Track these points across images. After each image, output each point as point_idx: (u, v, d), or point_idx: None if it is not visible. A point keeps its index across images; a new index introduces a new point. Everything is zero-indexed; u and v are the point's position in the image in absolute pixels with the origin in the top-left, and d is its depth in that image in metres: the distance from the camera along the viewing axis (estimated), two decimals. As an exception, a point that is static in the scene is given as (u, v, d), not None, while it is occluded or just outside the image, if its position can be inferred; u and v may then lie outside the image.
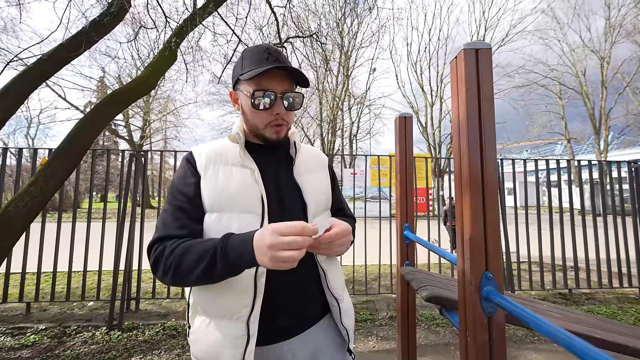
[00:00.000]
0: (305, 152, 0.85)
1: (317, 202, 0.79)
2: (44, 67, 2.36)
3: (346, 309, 0.79)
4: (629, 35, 16.32)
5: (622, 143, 20.99)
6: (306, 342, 0.73)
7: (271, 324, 0.69)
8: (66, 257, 2.95)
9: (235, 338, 0.65)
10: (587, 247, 3.42)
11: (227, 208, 0.69)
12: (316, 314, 0.77)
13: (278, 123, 0.73)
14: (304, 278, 0.75)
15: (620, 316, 2.94)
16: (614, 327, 1.17)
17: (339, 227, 0.66)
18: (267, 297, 0.68)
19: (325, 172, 0.88)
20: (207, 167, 0.72)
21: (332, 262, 0.80)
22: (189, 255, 0.61)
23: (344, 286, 0.84)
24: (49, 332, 2.53)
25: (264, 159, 0.77)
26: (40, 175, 2.36)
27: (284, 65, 0.70)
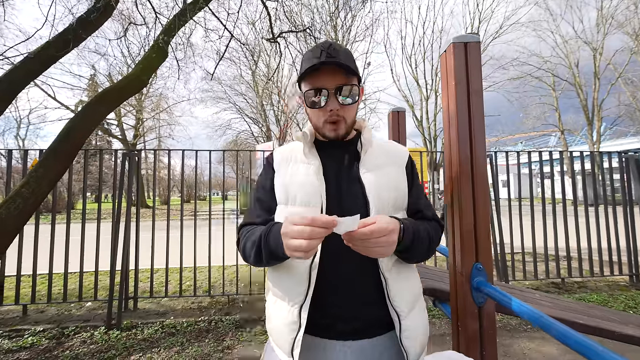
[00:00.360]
0: (378, 147, 0.81)
1: (383, 199, 0.72)
2: (31, 66, 2.32)
3: (409, 327, 0.69)
4: (620, 26, 16.41)
5: (614, 133, 21.28)
6: (362, 350, 0.70)
7: (325, 318, 0.70)
8: (61, 258, 2.93)
9: (290, 323, 0.69)
10: (579, 237, 3.49)
11: (291, 200, 0.75)
12: (379, 322, 0.72)
13: (333, 120, 0.74)
14: (360, 282, 0.71)
15: (611, 303, 3.02)
16: (602, 314, 1.20)
17: (378, 224, 0.58)
18: (318, 292, 0.69)
19: (399, 168, 0.80)
20: (280, 164, 0.80)
21: (399, 271, 0.73)
22: (249, 241, 0.72)
23: (414, 301, 0.74)
24: (47, 333, 2.53)
25: (330, 155, 0.79)
26: (31, 177, 2.33)
27: (330, 60, 0.69)
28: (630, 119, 17.68)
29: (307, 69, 0.71)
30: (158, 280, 3.76)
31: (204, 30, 4.41)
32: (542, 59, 18.80)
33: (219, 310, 3.01)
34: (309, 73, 0.72)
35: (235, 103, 19.84)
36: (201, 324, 2.69)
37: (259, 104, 18.89)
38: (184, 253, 3.13)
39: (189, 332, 2.54)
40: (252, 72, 17.11)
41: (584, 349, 0.47)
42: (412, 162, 0.84)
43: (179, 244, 3.10)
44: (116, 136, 19.23)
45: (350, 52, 0.76)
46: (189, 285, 3.63)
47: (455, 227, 0.87)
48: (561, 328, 0.51)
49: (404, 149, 0.86)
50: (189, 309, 3.06)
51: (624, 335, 0.94)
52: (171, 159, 3.40)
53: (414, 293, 0.75)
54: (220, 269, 4.14)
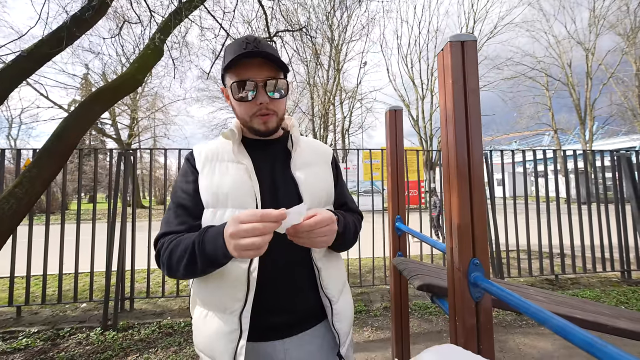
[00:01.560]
0: (306, 145, 0.82)
1: (315, 196, 0.75)
2: (24, 64, 2.28)
3: (339, 311, 0.75)
4: (612, 27, 16.67)
5: (606, 133, 21.60)
6: (301, 345, 0.71)
7: (264, 320, 0.69)
8: (56, 259, 2.89)
9: (228, 332, 0.65)
10: (573, 234, 3.54)
11: (222, 203, 0.70)
12: (313, 314, 0.75)
13: (263, 112, 0.71)
14: (297, 275, 0.72)
15: (603, 298, 3.07)
16: (595, 308, 1.22)
17: (320, 215, 0.59)
18: (259, 293, 0.67)
19: (326, 166, 0.83)
20: (204, 164, 0.74)
21: (329, 261, 0.77)
22: (177, 250, 0.64)
23: (341, 288, 0.79)
24: (41, 334, 2.50)
25: (260, 154, 0.76)
26: (25, 177, 2.30)
27: (258, 51, 0.66)
28: (621, 119, 17.98)
29: (233, 58, 0.66)
30: (154, 281, 3.73)
31: (199, 28, 4.39)
32: (535, 59, 19.04)
33: (216, 310, 3.00)
34: (235, 64, 0.68)
35: (231, 102, 19.72)
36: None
37: (255, 104, 18.80)
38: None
39: (186, 332, 2.53)
40: (248, 71, 17.01)
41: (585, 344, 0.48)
42: (336, 159, 0.90)
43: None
44: (110, 136, 19.00)
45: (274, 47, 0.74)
46: (186, 285, 3.61)
47: (453, 224, 0.88)
48: (561, 322, 0.53)
49: (329, 148, 0.89)
50: (186, 308, 3.05)
51: (616, 328, 0.96)
52: (167, 158, 3.38)
53: (342, 279, 0.81)
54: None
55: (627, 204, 3.72)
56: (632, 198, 3.58)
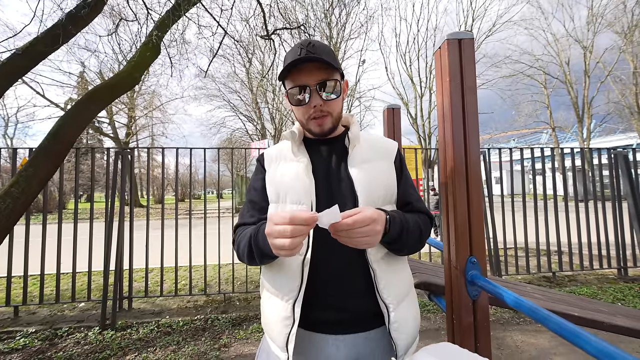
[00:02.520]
0: (365, 142, 0.81)
1: (372, 193, 0.73)
2: (19, 62, 2.26)
3: (398, 319, 0.70)
4: (610, 25, 16.68)
5: (603, 131, 21.70)
6: (355, 344, 0.71)
7: (314, 313, 0.72)
8: (53, 259, 2.88)
9: (283, 318, 0.70)
10: (570, 232, 3.56)
11: (282, 199, 0.75)
12: (370, 315, 0.72)
13: (317, 115, 0.74)
14: (351, 274, 0.72)
15: (600, 295, 3.09)
16: (592, 306, 1.23)
17: (361, 214, 0.57)
18: (310, 286, 0.70)
19: (388, 162, 0.80)
20: (270, 163, 0.82)
21: (388, 263, 0.73)
22: (242, 242, 0.73)
23: (404, 294, 0.74)
24: (39, 334, 2.49)
25: (319, 152, 0.80)
26: (21, 176, 2.28)
27: (310, 57, 0.69)
28: (619, 117, 18.02)
29: (287, 66, 0.70)
30: (153, 280, 3.73)
31: (197, 26, 4.35)
32: (534, 57, 19.04)
33: (215, 308, 3.00)
34: (290, 71, 0.72)
35: (230, 101, 19.67)
36: (197, 322, 2.68)
37: (254, 102, 18.76)
38: (179, 252, 3.10)
39: (185, 331, 2.53)
40: (246, 70, 16.97)
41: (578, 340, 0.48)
42: (401, 156, 0.84)
43: (173, 243, 3.08)
44: (108, 134, 18.90)
45: (330, 48, 0.75)
46: (184, 285, 3.61)
47: (450, 222, 0.88)
48: (555, 319, 0.53)
49: (393, 143, 0.85)
50: (184, 307, 3.05)
51: (613, 325, 0.97)
52: (165, 157, 3.36)
53: (403, 285, 0.76)
54: (216, 267, 4.13)
55: (624, 202, 3.74)
56: (629, 196, 3.60)
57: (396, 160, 0.82)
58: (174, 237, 3.08)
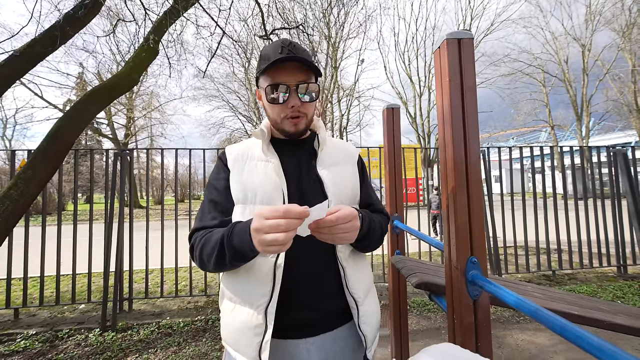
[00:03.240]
0: (332, 145, 0.84)
1: (340, 195, 0.76)
2: (17, 64, 2.25)
3: (366, 313, 0.74)
4: (608, 23, 16.71)
5: (602, 129, 21.74)
6: (324, 345, 0.72)
7: (288, 317, 0.70)
8: (53, 261, 2.88)
9: (254, 326, 0.67)
10: (569, 230, 3.57)
11: (251, 200, 0.73)
12: (338, 313, 0.75)
13: (294, 115, 0.74)
14: (322, 272, 0.73)
15: (600, 293, 3.10)
16: (592, 304, 1.23)
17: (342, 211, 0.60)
18: (284, 289, 0.69)
19: (352, 166, 0.84)
20: (235, 162, 0.78)
21: (354, 260, 0.77)
22: (208, 244, 0.67)
23: (368, 289, 0.79)
24: (40, 336, 2.48)
25: (288, 153, 0.79)
26: (20, 178, 2.28)
27: (292, 56, 0.69)
28: (617, 114, 18.06)
29: (269, 64, 0.69)
30: (153, 281, 3.73)
31: (195, 27, 4.34)
32: (532, 56, 19.08)
33: (215, 309, 3.00)
34: (269, 68, 0.70)
35: (229, 101, 19.67)
36: (198, 323, 2.67)
37: (252, 102, 18.75)
38: (179, 253, 3.10)
39: (185, 332, 2.53)
40: (245, 70, 16.95)
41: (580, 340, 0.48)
42: (362, 159, 0.90)
43: (173, 243, 3.07)
44: (107, 135, 18.87)
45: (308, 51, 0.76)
46: (184, 285, 3.61)
47: (451, 222, 0.88)
48: (554, 319, 0.53)
49: (355, 148, 0.90)
50: (184, 308, 3.05)
51: (613, 324, 0.97)
52: (164, 158, 3.36)
53: (368, 281, 0.81)
54: (216, 268, 4.12)
55: (623, 200, 3.75)
56: (628, 193, 3.60)
57: (358, 164, 0.87)
58: (173, 237, 3.07)
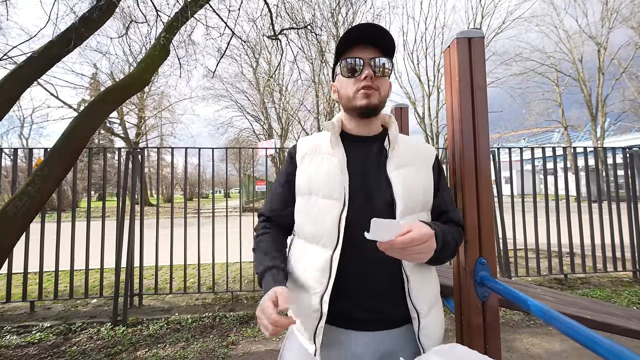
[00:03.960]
0: (405, 145, 0.79)
1: (410, 200, 0.72)
2: (36, 65, 2.33)
3: (428, 326, 0.71)
4: (625, 21, 16.18)
5: (618, 129, 21.06)
6: (381, 343, 0.72)
7: (344, 309, 0.72)
8: (67, 256, 2.96)
9: (312, 311, 0.70)
10: (583, 233, 3.47)
11: (315, 192, 0.76)
12: (400, 318, 0.73)
13: (367, 86, 0.74)
14: (384, 277, 0.72)
15: (614, 299, 3.01)
16: (605, 309, 1.20)
17: (416, 232, 0.58)
18: (344, 282, 0.71)
19: (426, 167, 0.79)
20: (304, 157, 0.82)
21: (420, 271, 0.74)
22: (256, 252, 0.81)
23: (433, 302, 0.75)
24: (54, 329, 2.56)
25: (356, 149, 0.79)
26: (37, 176, 2.35)
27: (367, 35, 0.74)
28: (634, 115, 17.49)
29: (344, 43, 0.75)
30: (162, 278, 3.80)
31: (205, 27, 4.40)
32: (545, 55, 18.60)
33: (222, 306, 3.04)
34: (349, 48, 0.76)
35: (237, 101, 19.84)
36: (205, 320, 2.71)
37: (261, 102, 18.87)
38: (188, 250, 3.15)
39: (193, 328, 2.57)
40: (254, 70, 17.08)
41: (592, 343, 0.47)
42: (439, 162, 0.82)
43: (182, 241, 3.13)
44: (119, 135, 19.28)
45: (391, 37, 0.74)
46: (193, 282, 3.66)
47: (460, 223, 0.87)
48: (567, 321, 0.52)
49: (432, 148, 0.83)
50: (193, 305, 3.09)
51: (627, 329, 0.94)
52: (174, 157, 3.42)
53: (434, 293, 0.77)
54: (224, 265, 4.17)
55: (639, 202, 3.63)
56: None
57: (435, 167, 0.80)
58: (182, 235, 3.13)
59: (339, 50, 0.77)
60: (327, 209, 0.73)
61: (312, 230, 0.75)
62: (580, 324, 0.51)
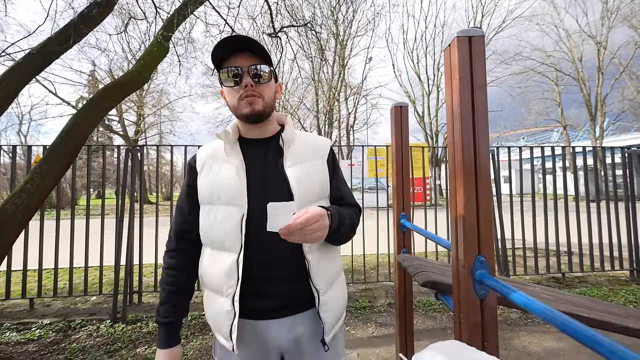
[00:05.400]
0: (301, 141, 0.85)
1: (307, 191, 0.78)
2: (35, 62, 2.32)
3: (327, 302, 0.79)
4: (625, 20, 16.18)
5: (617, 129, 21.12)
6: (294, 325, 0.78)
7: (257, 303, 0.76)
8: (66, 253, 2.96)
9: (225, 312, 0.74)
10: (580, 232, 3.49)
11: (215, 201, 0.77)
12: (304, 301, 0.79)
13: (248, 94, 0.76)
14: (288, 265, 0.77)
15: (611, 297, 3.03)
16: (603, 307, 1.21)
17: (310, 212, 0.64)
18: (252, 280, 0.75)
19: (321, 160, 0.86)
20: (203, 165, 0.82)
21: (320, 254, 0.80)
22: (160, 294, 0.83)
23: (332, 280, 0.82)
24: (53, 326, 2.57)
25: (254, 152, 0.82)
26: (36, 173, 2.35)
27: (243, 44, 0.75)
28: (634, 114, 17.54)
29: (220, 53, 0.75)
30: (161, 275, 3.80)
31: (204, 25, 4.38)
32: (545, 54, 18.62)
33: (222, 304, 3.05)
34: (223, 59, 0.77)
35: (236, 99, 19.77)
36: (204, 317, 2.72)
37: (260, 100, 18.81)
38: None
39: (192, 326, 2.58)
40: (253, 68, 17.00)
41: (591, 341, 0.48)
42: (333, 152, 0.91)
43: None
44: (118, 132, 19.24)
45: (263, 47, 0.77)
46: (192, 280, 3.67)
47: (459, 221, 0.88)
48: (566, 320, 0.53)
49: (326, 141, 0.90)
50: (192, 302, 3.09)
51: (624, 327, 0.95)
52: (173, 154, 3.41)
53: (334, 272, 0.84)
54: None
55: (638, 202, 3.65)
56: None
57: (329, 158, 0.88)
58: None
59: (217, 59, 0.77)
60: (229, 216, 0.75)
61: (216, 238, 0.77)
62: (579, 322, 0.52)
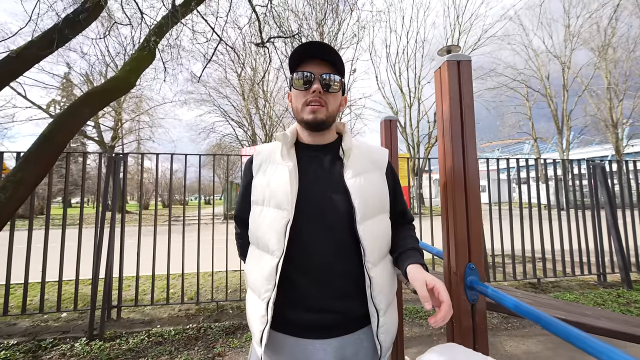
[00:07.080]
0: (360, 152, 0.83)
1: (368, 204, 0.75)
2: (12, 66, 2.22)
3: (387, 323, 0.74)
4: (585, 43, 17.72)
5: (581, 142, 22.75)
6: (342, 347, 0.72)
7: (298, 315, 0.72)
8: (38, 267, 2.77)
9: (260, 316, 0.72)
10: (553, 239, 3.71)
11: (266, 202, 0.77)
12: (357, 319, 0.75)
13: (314, 100, 0.76)
14: (339, 277, 0.73)
15: (582, 301, 3.23)
16: (578, 309, 1.31)
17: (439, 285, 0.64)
18: (293, 290, 0.73)
19: (380, 172, 0.83)
20: (260, 166, 0.84)
21: (382, 271, 0.76)
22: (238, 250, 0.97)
23: (391, 299, 0.79)
24: (21, 347, 2.38)
25: (309, 158, 0.81)
26: (9, 181, 2.22)
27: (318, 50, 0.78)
28: (595, 129, 18.99)
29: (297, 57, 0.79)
30: (141, 288, 3.63)
31: (191, 32, 4.37)
32: (516, 71, 19.92)
33: (207, 317, 2.95)
34: (302, 62, 0.79)
35: (220, 106, 19.57)
36: (190, 331, 2.62)
37: (245, 108, 18.72)
38: (171, 259, 3.04)
39: (177, 341, 2.48)
40: (238, 76, 16.98)
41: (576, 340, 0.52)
42: (391, 165, 0.88)
43: (160, 251, 3.02)
44: (92, 138, 18.37)
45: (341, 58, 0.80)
46: (173, 293, 3.53)
47: (450, 230, 0.94)
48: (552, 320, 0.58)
49: (384, 152, 0.88)
50: (175, 316, 2.98)
51: (595, 327, 1.04)
52: (151, 162, 3.32)
53: (392, 292, 0.80)
54: (206, 275, 4.06)
55: (602, 210, 3.94)
56: (607, 205, 3.80)
57: (388, 170, 0.85)
58: (166, 243, 3.02)
59: (293, 63, 0.80)
60: (275, 219, 0.73)
61: (261, 239, 0.77)
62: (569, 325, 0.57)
